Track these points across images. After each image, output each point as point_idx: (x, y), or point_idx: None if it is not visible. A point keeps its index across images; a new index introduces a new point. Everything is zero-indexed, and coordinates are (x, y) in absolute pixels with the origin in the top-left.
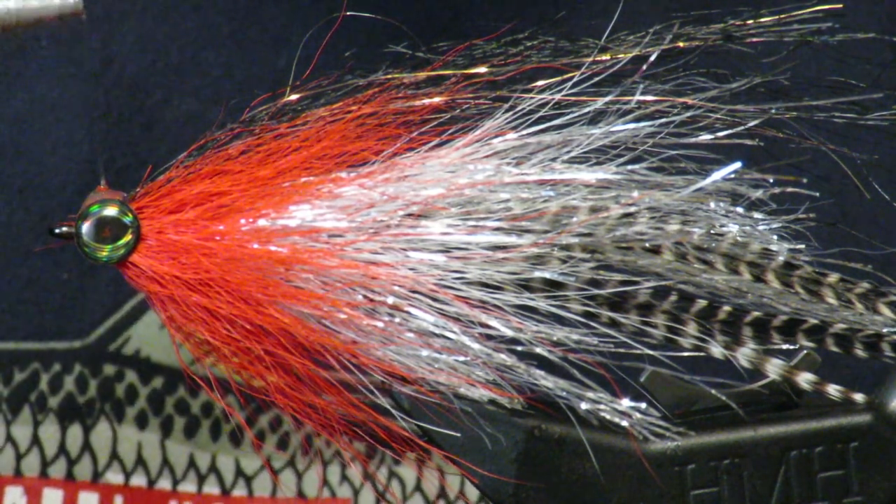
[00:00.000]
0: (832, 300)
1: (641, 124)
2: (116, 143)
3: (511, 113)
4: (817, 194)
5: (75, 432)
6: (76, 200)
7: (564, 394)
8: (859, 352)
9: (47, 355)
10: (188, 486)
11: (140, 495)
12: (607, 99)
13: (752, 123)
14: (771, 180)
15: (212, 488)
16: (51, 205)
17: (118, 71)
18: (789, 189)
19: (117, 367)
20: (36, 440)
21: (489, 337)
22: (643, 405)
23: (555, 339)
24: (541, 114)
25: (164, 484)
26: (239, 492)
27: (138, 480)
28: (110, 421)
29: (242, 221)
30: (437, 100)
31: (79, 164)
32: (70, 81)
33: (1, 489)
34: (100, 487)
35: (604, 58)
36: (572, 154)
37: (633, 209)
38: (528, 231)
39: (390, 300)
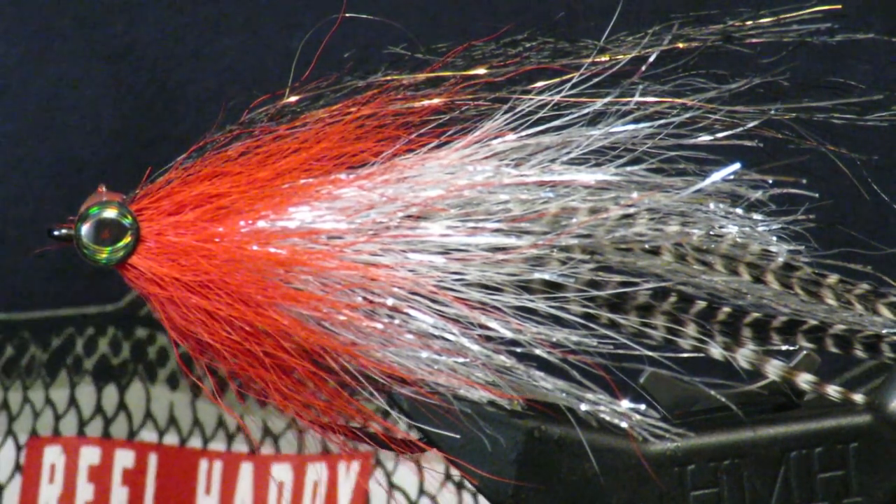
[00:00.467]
0: (832, 301)
1: (641, 125)
2: (141, 120)
3: (510, 114)
4: (817, 195)
5: (111, 392)
6: (104, 175)
7: (564, 395)
8: (859, 352)
9: (81, 320)
10: (218, 445)
11: (173, 453)
12: (606, 100)
13: (751, 124)
14: (770, 181)
15: (240, 447)
16: (80, 179)
17: (140, 53)
18: (789, 190)
19: (149, 331)
20: (73, 401)
21: (488, 338)
22: (643, 406)
23: (554, 340)
24: (540, 115)
25: (195, 443)
26: (266, 450)
27: (171, 439)
28: (143, 382)
29: (242, 223)
30: (436, 101)
31: (105, 139)
32: (94, 62)
33: (41, 449)
34: (135, 445)
35: (603, 59)
36: (571, 155)
37: (632, 210)
38: (527, 232)
39: (390, 301)
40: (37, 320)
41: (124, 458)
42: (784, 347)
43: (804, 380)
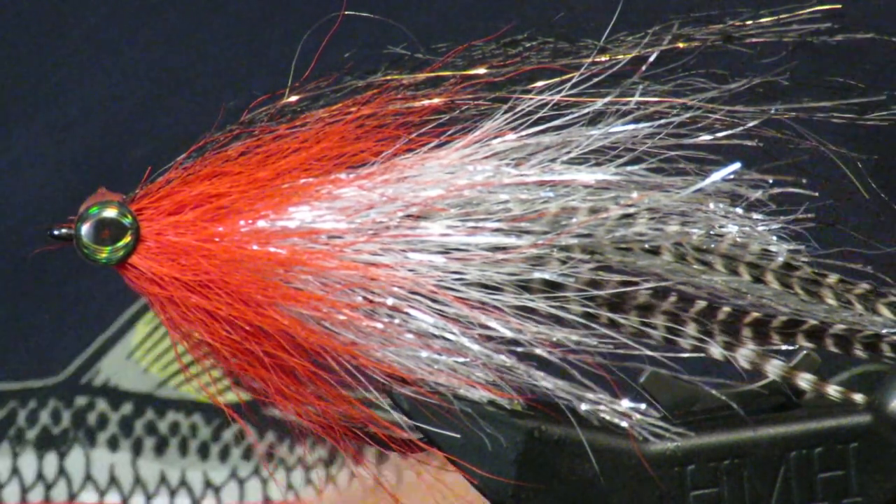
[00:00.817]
0: (832, 301)
1: (641, 125)
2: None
3: (510, 114)
4: (817, 195)
5: (51, 460)
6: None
7: (564, 395)
8: (859, 352)
9: (24, 394)
10: (161, 501)
11: None
12: (606, 100)
13: (751, 124)
14: (770, 181)
15: (183, 500)
16: None
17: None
18: (789, 190)
19: (88, 398)
20: (15, 470)
21: (489, 338)
22: (643, 406)
23: (554, 339)
24: (540, 115)
25: (138, 500)
26: (208, 502)
27: (112, 498)
28: (83, 447)
29: (242, 223)
30: (436, 101)
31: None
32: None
33: None
34: None
35: (603, 59)
36: (571, 155)
37: (632, 210)
38: (527, 232)
39: (390, 301)
40: None
41: None
42: (784, 347)
43: (804, 380)
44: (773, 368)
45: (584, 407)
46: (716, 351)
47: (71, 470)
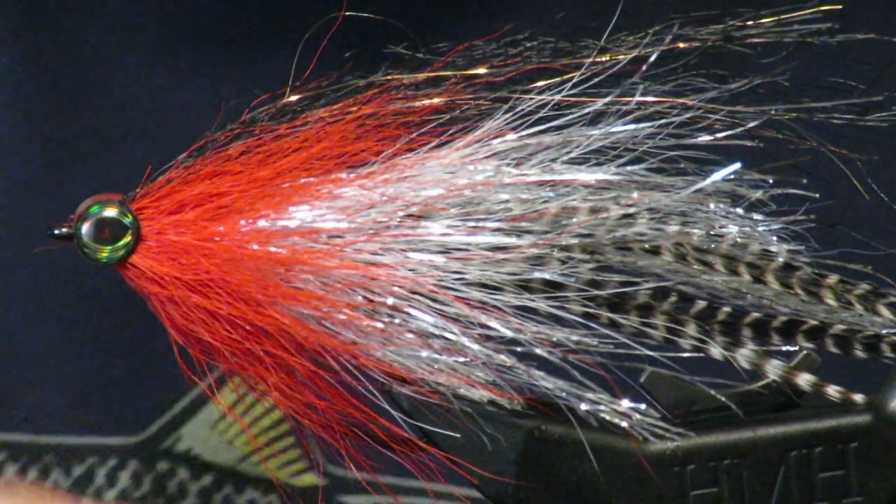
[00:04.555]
0: (832, 301)
1: (641, 125)
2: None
3: (511, 114)
4: (817, 195)
5: None
6: None
7: (564, 395)
8: (859, 353)
9: (103, 450)
10: None
11: None
12: (607, 100)
13: (751, 124)
14: (770, 181)
15: None
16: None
17: None
18: (789, 190)
19: (170, 464)
20: None
21: (489, 338)
22: (643, 406)
23: (554, 339)
24: (540, 114)
25: None
26: None
27: None
28: None
29: (242, 222)
30: (436, 100)
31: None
32: None
33: None
34: None
35: (603, 59)
36: (572, 155)
37: (632, 210)
38: (527, 232)
39: (390, 301)
40: (60, 446)
41: None
42: (784, 348)
43: (804, 380)
44: (773, 368)
45: (584, 407)
46: (716, 351)
47: None
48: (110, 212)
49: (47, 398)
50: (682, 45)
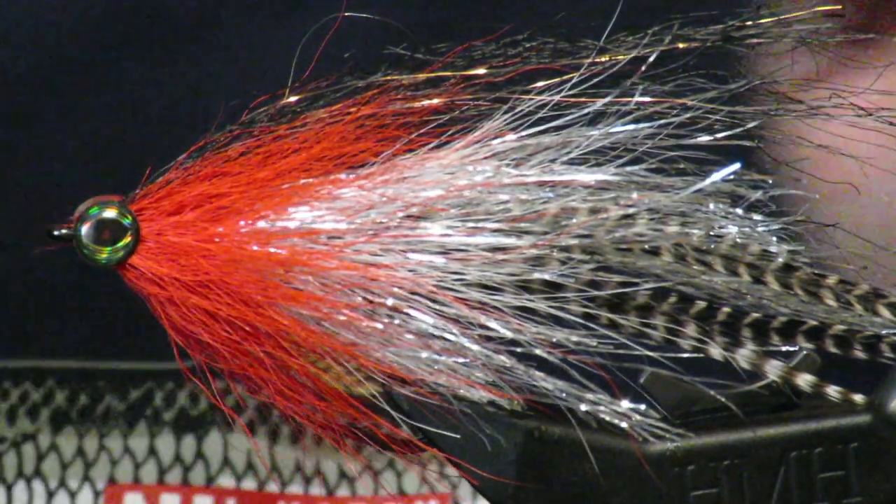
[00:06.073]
0: (831, 301)
1: (640, 125)
2: None
3: (510, 114)
4: (817, 196)
5: (189, 442)
6: None
7: (564, 395)
8: (858, 353)
9: (160, 375)
10: (295, 489)
11: (251, 497)
12: (606, 100)
13: (751, 124)
14: (770, 181)
15: (318, 490)
16: None
17: None
18: (789, 191)
19: (225, 382)
20: (153, 450)
21: (488, 338)
22: (642, 406)
23: (554, 340)
24: (540, 115)
25: (273, 487)
26: (342, 492)
27: (249, 484)
28: (221, 431)
29: (242, 223)
30: (436, 101)
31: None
32: None
33: (121, 496)
34: (214, 490)
35: (603, 59)
36: (571, 155)
37: (632, 210)
38: (527, 232)
39: (389, 302)
40: (113, 370)
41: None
42: (784, 348)
43: (804, 380)
44: (773, 369)
45: (583, 407)
46: (715, 351)
47: (209, 453)
48: (110, 213)
49: (85, 328)
50: (681, 45)
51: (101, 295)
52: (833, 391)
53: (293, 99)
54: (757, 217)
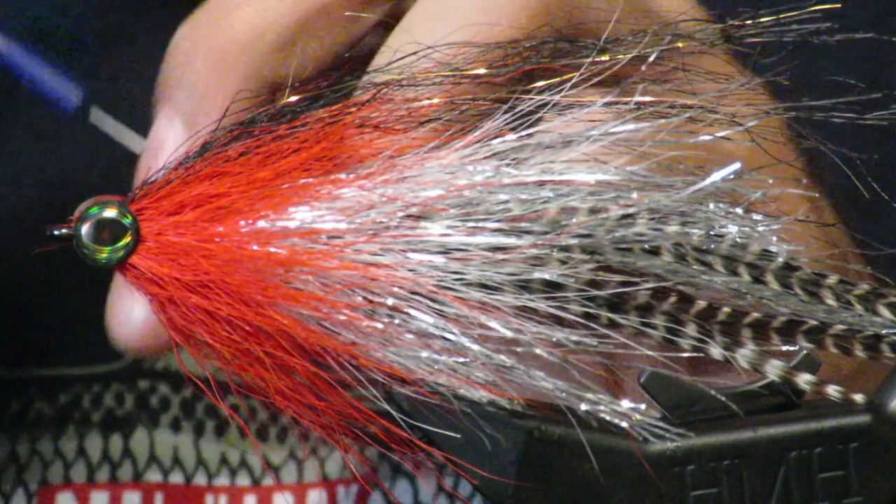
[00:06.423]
0: (831, 301)
1: (641, 125)
2: None
3: (510, 114)
4: (816, 195)
5: (116, 440)
6: None
7: (564, 395)
8: (858, 353)
9: (88, 378)
10: (222, 481)
11: (178, 491)
12: (606, 100)
13: (750, 124)
14: (770, 181)
15: (243, 480)
16: None
17: None
18: (789, 190)
19: (150, 382)
20: (81, 451)
21: (488, 338)
22: (643, 406)
23: (554, 340)
24: (540, 115)
25: (200, 479)
26: (268, 481)
27: (176, 478)
28: (147, 428)
29: (242, 223)
30: (436, 101)
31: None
32: None
33: (52, 496)
34: (142, 486)
35: (603, 59)
36: (571, 155)
37: (632, 210)
38: (527, 232)
39: (390, 301)
40: (42, 378)
41: (132, 499)
42: (784, 348)
43: (804, 380)
44: (773, 369)
45: (583, 407)
46: (715, 351)
47: (136, 450)
48: (110, 212)
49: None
50: (681, 45)
51: (23, 304)
52: (833, 391)
53: (293, 99)
54: (757, 217)
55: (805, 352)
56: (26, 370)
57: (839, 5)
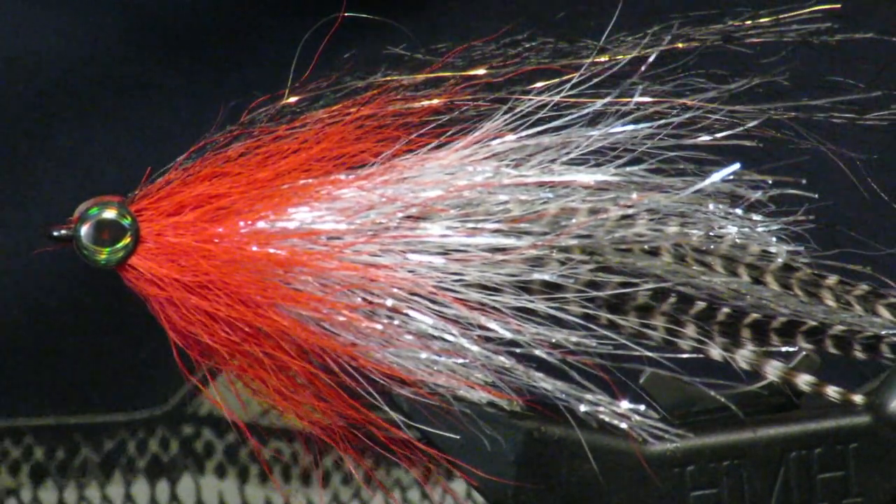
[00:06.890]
0: (831, 302)
1: (640, 126)
2: None
3: (510, 114)
4: (816, 195)
5: (163, 487)
6: None
7: (563, 396)
8: (858, 353)
9: (132, 424)
10: None
11: None
12: (606, 100)
13: (750, 124)
14: (770, 181)
15: None
16: None
17: None
18: (788, 190)
19: (195, 427)
20: (129, 497)
21: (488, 339)
22: (642, 407)
23: (554, 341)
24: (539, 115)
25: None
26: None
27: None
28: (193, 474)
29: (241, 224)
30: (435, 101)
31: None
32: None
33: None
34: None
35: (602, 59)
36: (571, 156)
37: (631, 211)
38: (527, 233)
39: (389, 302)
40: (87, 425)
41: None
42: (784, 348)
43: (804, 380)
44: (773, 369)
45: (583, 408)
46: (715, 352)
47: (182, 496)
48: (109, 213)
49: (63, 383)
50: (680, 45)
51: (66, 351)
52: (833, 391)
53: (293, 99)
54: (756, 217)
55: (804, 352)
56: (70, 417)
57: (839, 5)
